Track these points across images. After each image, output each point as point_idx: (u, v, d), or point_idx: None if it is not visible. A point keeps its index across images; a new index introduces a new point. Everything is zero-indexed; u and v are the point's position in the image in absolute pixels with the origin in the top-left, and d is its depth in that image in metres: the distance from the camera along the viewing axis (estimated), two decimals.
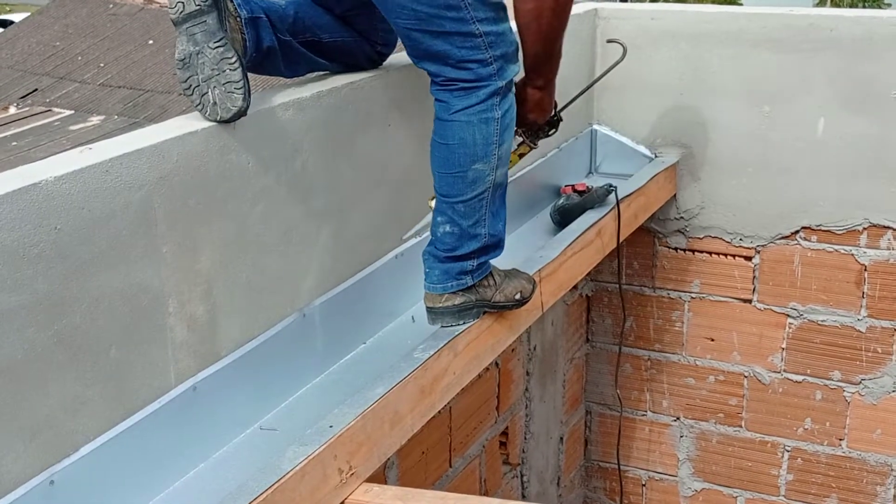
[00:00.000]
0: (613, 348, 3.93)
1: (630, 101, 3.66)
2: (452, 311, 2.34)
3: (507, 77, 2.24)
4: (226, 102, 1.97)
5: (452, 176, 2.23)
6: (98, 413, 1.80)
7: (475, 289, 2.35)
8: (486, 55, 2.17)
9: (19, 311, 1.63)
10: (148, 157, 1.84)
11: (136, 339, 1.86)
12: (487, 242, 2.30)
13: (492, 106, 2.20)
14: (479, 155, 2.21)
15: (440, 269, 2.31)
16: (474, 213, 2.25)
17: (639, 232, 3.60)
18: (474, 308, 2.37)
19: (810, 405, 3.69)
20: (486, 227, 2.28)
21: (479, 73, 2.18)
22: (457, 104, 2.19)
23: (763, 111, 3.46)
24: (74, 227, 1.71)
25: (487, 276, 2.36)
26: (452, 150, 2.21)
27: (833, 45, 3.34)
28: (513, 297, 2.42)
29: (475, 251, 2.29)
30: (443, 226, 2.27)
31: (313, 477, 1.87)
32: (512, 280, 2.44)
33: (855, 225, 3.46)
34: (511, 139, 2.30)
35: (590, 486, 4.18)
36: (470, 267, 2.31)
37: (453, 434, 2.99)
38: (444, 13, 2.12)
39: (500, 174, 2.28)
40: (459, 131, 2.20)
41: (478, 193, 2.23)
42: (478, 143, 2.20)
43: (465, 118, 2.19)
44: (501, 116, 2.23)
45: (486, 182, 2.23)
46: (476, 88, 2.18)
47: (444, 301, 2.34)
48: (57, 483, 1.71)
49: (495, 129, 2.22)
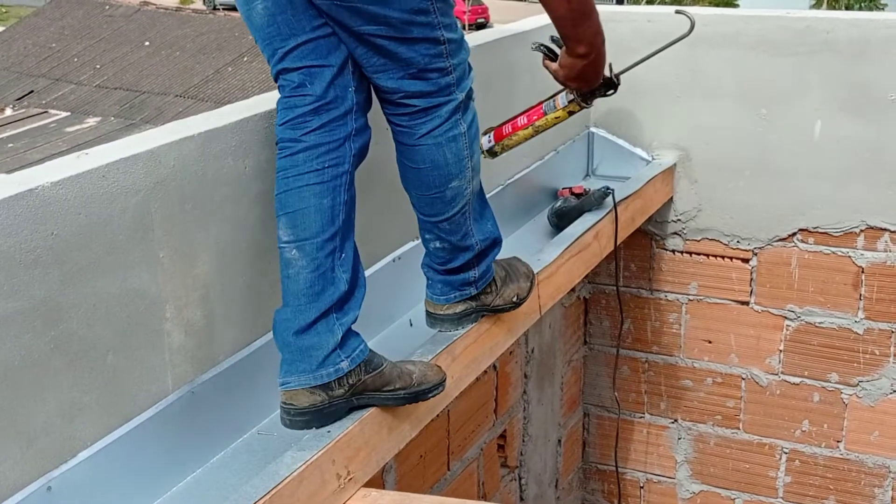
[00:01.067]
0: (611, 350, 3.93)
1: (627, 104, 3.66)
2: (453, 319, 2.33)
3: (465, 88, 2.12)
4: None
5: (430, 197, 2.15)
6: (95, 419, 1.79)
7: (477, 298, 2.33)
8: (446, 63, 2.05)
9: (16, 316, 1.62)
10: (144, 162, 1.84)
11: (133, 345, 1.85)
12: (481, 248, 2.26)
13: (456, 122, 2.09)
14: (454, 173, 2.12)
15: (441, 280, 2.28)
16: (460, 228, 2.19)
17: (636, 234, 3.60)
18: (474, 314, 2.36)
19: (808, 407, 3.70)
20: (475, 235, 2.22)
21: (439, 83, 2.05)
22: (420, 129, 2.07)
23: (760, 114, 3.46)
24: (71, 233, 1.70)
25: (490, 283, 2.34)
26: (425, 174, 2.12)
27: (829, 47, 3.34)
28: (510, 300, 2.41)
29: (471, 260, 2.24)
30: (432, 242, 2.22)
31: (311, 482, 1.86)
32: (510, 283, 2.42)
33: (852, 227, 3.46)
34: (479, 146, 2.21)
35: (588, 488, 4.18)
36: (472, 277, 2.28)
37: (451, 437, 2.98)
38: (415, 18, 1.98)
39: (476, 183, 2.21)
40: (429, 155, 2.09)
41: (459, 209, 2.17)
42: (450, 162, 2.11)
43: (431, 141, 2.08)
44: (467, 129, 2.12)
45: (464, 196, 2.16)
46: (436, 107, 2.06)
47: (446, 310, 2.31)
48: (55, 489, 1.71)
49: (464, 143, 2.12)
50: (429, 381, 2.11)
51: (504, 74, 3.06)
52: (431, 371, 2.15)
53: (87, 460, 1.77)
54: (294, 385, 1.95)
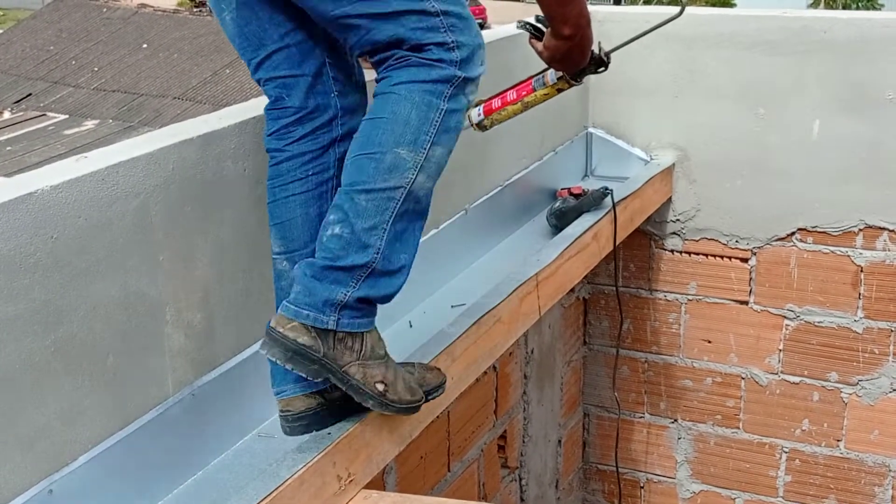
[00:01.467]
0: (611, 351, 3.93)
1: (625, 104, 3.66)
2: (286, 345, 1.81)
3: (471, 71, 1.86)
4: None
5: (367, 157, 1.82)
6: (96, 422, 1.80)
7: (330, 338, 1.82)
8: (447, 38, 1.82)
9: (16, 320, 1.63)
10: (144, 164, 1.84)
11: (134, 348, 1.86)
12: (377, 265, 1.81)
13: (440, 92, 1.83)
14: (408, 138, 1.81)
15: (305, 283, 1.82)
16: (374, 214, 1.80)
17: (635, 234, 3.60)
18: (316, 364, 1.82)
19: (808, 406, 3.70)
20: (383, 240, 1.81)
21: (441, 56, 1.82)
22: (401, 76, 1.82)
23: (758, 113, 3.47)
24: (71, 236, 1.71)
25: (357, 334, 1.84)
26: (378, 126, 1.82)
27: (827, 46, 3.34)
28: (372, 385, 1.87)
29: (358, 268, 1.80)
30: (332, 226, 1.81)
31: (312, 484, 1.86)
32: (388, 367, 1.90)
33: (851, 226, 3.46)
34: (448, 153, 1.90)
35: (588, 488, 4.18)
36: (340, 297, 1.80)
37: (451, 438, 2.98)
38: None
39: (422, 183, 1.84)
40: (394, 104, 1.81)
41: (389, 187, 1.80)
42: (411, 122, 1.81)
43: (405, 91, 1.81)
44: (447, 112, 1.84)
45: (403, 177, 1.81)
46: (429, 65, 1.81)
47: (287, 327, 1.81)
48: (56, 492, 1.71)
49: (435, 118, 1.83)
50: (428, 384, 2.07)
51: (501, 75, 3.05)
52: (431, 373, 2.10)
53: (88, 463, 1.77)
54: (289, 393, 1.95)
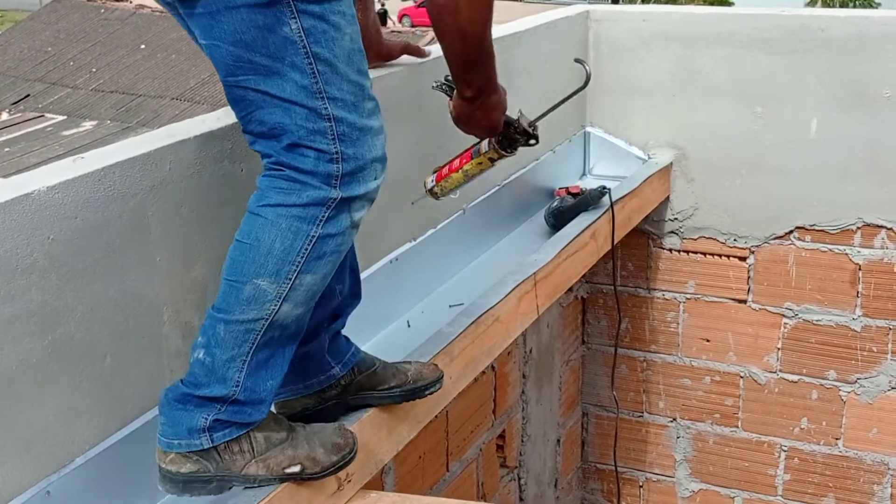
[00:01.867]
0: (609, 350, 3.93)
1: (623, 103, 3.66)
2: (173, 479, 1.74)
3: (356, 188, 1.72)
4: None
5: (229, 284, 1.72)
6: (94, 423, 1.79)
7: (216, 455, 1.75)
8: (331, 147, 1.68)
9: (13, 321, 1.62)
10: (141, 165, 1.84)
11: (131, 348, 1.85)
12: (237, 396, 1.73)
13: (312, 217, 1.70)
14: (269, 270, 1.69)
15: (167, 413, 1.75)
16: (233, 346, 1.71)
17: (633, 234, 3.60)
18: (213, 482, 1.75)
19: (806, 405, 3.70)
20: (242, 373, 1.72)
21: (318, 168, 1.68)
22: (271, 197, 1.71)
23: (756, 112, 3.47)
24: (68, 237, 1.71)
25: (237, 439, 1.76)
26: (242, 251, 1.72)
27: (825, 45, 3.34)
28: (281, 472, 1.78)
29: (217, 399, 1.72)
30: (199, 350, 1.73)
31: (311, 484, 1.86)
32: (297, 444, 1.81)
33: (849, 224, 3.46)
34: (324, 278, 1.77)
35: (587, 487, 4.18)
36: (202, 423, 1.73)
37: (450, 438, 2.98)
38: (289, 72, 1.65)
39: (286, 313, 1.72)
40: (259, 229, 1.70)
41: (248, 319, 1.70)
42: (274, 251, 1.69)
43: (271, 216, 1.70)
44: (320, 238, 1.71)
45: (264, 309, 1.70)
46: (301, 185, 1.69)
47: (167, 461, 1.74)
48: (53, 494, 1.71)
49: (304, 247, 1.70)
50: (425, 379, 2.06)
51: (501, 74, 3.05)
52: (427, 369, 2.10)
53: (86, 464, 1.77)
54: (285, 396, 1.95)
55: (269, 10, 1.63)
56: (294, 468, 1.80)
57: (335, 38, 1.67)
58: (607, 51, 3.64)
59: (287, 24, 1.64)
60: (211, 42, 1.67)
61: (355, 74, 1.71)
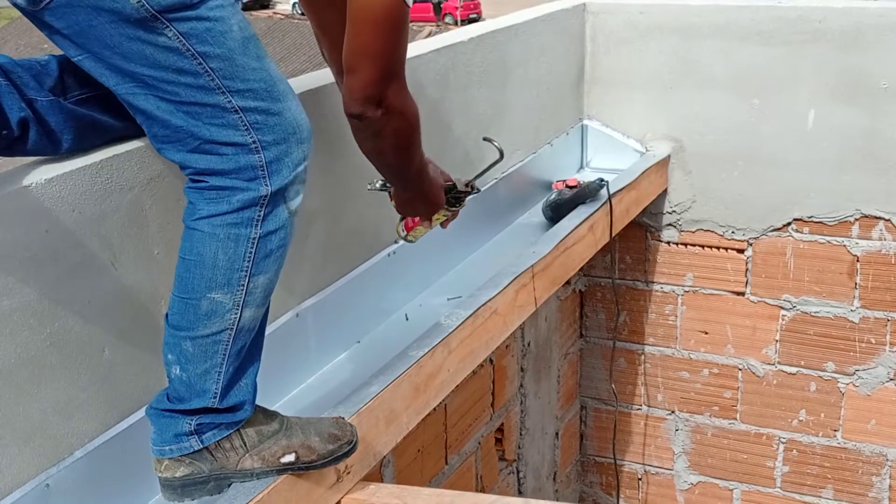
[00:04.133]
0: (607, 343, 3.94)
1: (620, 96, 3.66)
2: (171, 485, 1.74)
3: (281, 178, 1.67)
4: None
5: (183, 301, 1.69)
6: (92, 415, 1.79)
7: (208, 454, 1.75)
8: (247, 138, 1.64)
9: (11, 314, 1.62)
10: (138, 158, 1.83)
11: (130, 341, 1.85)
12: (217, 405, 1.73)
13: (248, 220, 1.66)
14: (220, 281, 1.66)
15: (155, 423, 1.75)
16: (205, 359, 1.69)
17: (631, 226, 3.60)
18: (211, 482, 1.76)
19: (805, 397, 3.70)
20: (220, 384, 1.71)
21: (238, 162, 1.64)
22: (203, 209, 1.66)
23: (753, 104, 3.47)
24: (65, 230, 1.70)
25: (227, 437, 1.76)
26: (188, 268, 1.68)
27: (822, 36, 3.34)
28: (277, 462, 1.78)
29: (199, 410, 1.72)
30: (174, 366, 1.71)
31: (310, 476, 1.87)
32: (291, 434, 1.81)
33: (847, 216, 3.46)
34: (277, 272, 1.74)
35: (586, 480, 4.18)
36: (187, 428, 1.73)
37: (449, 431, 2.99)
38: (177, 78, 1.59)
39: (250, 317, 1.71)
40: (199, 244, 1.66)
41: (213, 332, 1.68)
42: (219, 264, 1.66)
43: (207, 228, 1.65)
44: (261, 237, 1.68)
45: (225, 320, 1.68)
46: (228, 190, 1.65)
47: (162, 469, 1.75)
48: (53, 486, 1.71)
49: (248, 251, 1.67)
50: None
51: (497, 67, 3.06)
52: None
53: (85, 457, 1.77)
54: None
55: (140, 23, 1.56)
56: (289, 457, 1.79)
57: (222, 32, 1.61)
58: (604, 43, 3.63)
59: (162, 34, 1.58)
60: (85, 56, 1.61)
61: (256, 61, 1.65)
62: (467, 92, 2.90)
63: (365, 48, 1.77)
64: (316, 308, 2.36)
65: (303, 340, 2.32)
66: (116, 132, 1.82)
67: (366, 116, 1.81)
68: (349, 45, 1.78)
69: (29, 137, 1.69)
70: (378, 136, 1.87)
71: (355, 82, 1.79)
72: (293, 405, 2.25)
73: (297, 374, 2.33)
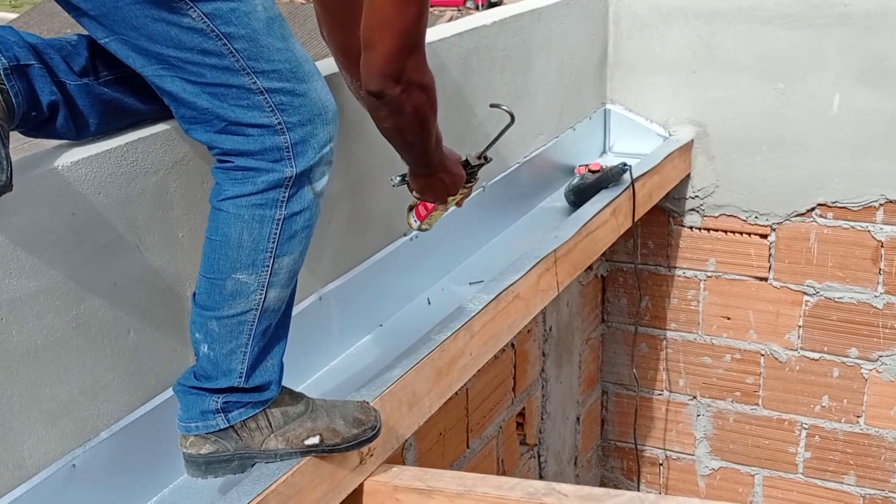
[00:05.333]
0: (629, 328, 3.93)
1: (643, 80, 3.65)
2: (195, 462, 1.76)
3: (306, 159, 1.67)
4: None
5: (209, 281, 1.70)
6: (118, 397, 1.81)
7: (234, 433, 1.76)
8: (272, 119, 1.64)
9: (38, 296, 1.64)
10: (163, 141, 1.84)
11: (155, 323, 1.86)
12: (241, 384, 1.74)
13: (272, 201, 1.66)
14: (244, 262, 1.67)
15: (181, 399, 1.77)
16: (230, 339, 1.71)
17: (653, 211, 3.59)
18: (235, 460, 1.77)
19: (828, 382, 3.69)
20: (245, 364, 1.72)
21: (264, 143, 1.64)
22: (229, 189, 1.67)
23: (777, 88, 3.44)
24: (91, 213, 1.71)
25: (253, 416, 1.77)
26: (214, 248, 1.69)
27: (847, 19, 3.31)
28: (301, 444, 1.80)
29: (225, 389, 1.74)
30: (202, 345, 1.73)
31: (333, 459, 1.88)
32: (316, 417, 1.82)
33: (871, 201, 3.44)
34: (302, 253, 1.75)
35: (607, 465, 4.18)
36: (213, 406, 1.74)
37: (470, 415, 2.99)
38: (203, 59, 1.60)
39: (275, 298, 1.72)
40: (224, 225, 1.67)
41: (238, 313, 1.69)
42: (244, 245, 1.67)
43: (232, 209, 1.66)
44: (286, 219, 1.68)
45: (250, 301, 1.69)
46: (253, 171, 1.65)
47: (187, 445, 1.76)
48: (79, 467, 1.72)
49: (272, 232, 1.67)
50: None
51: (520, 51, 3.05)
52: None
53: (110, 438, 1.78)
54: None
55: (164, 4, 1.56)
56: (313, 439, 1.80)
57: (246, 13, 1.60)
58: (627, 27, 3.62)
59: (186, 15, 1.57)
60: (112, 38, 1.62)
61: (281, 42, 1.64)
62: (490, 76, 2.90)
63: (384, 21, 1.74)
64: (339, 291, 2.36)
65: (326, 323, 2.33)
66: (142, 116, 1.82)
67: (385, 93, 1.78)
68: (368, 19, 1.76)
69: (57, 120, 1.69)
70: (397, 114, 1.84)
71: (375, 57, 1.76)
72: (316, 388, 2.25)
73: (320, 357, 2.33)
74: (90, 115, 1.73)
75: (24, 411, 1.63)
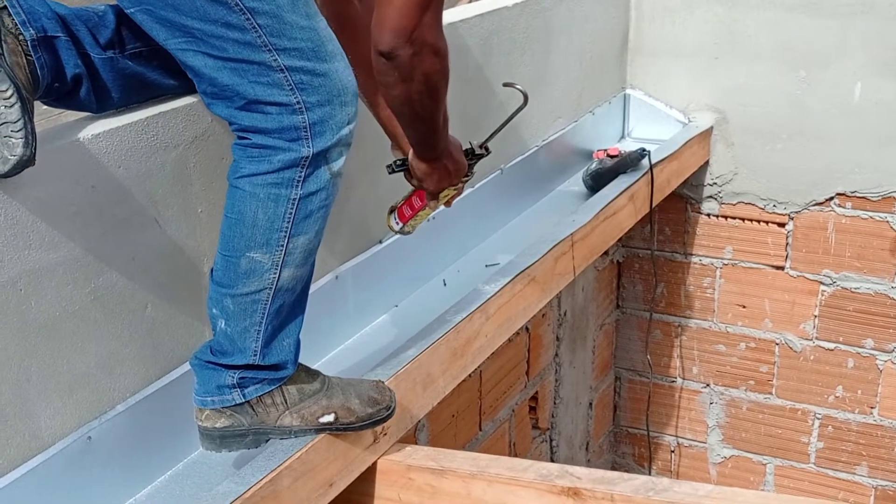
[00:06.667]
0: (644, 314, 3.92)
1: (664, 66, 3.63)
2: (210, 435, 1.77)
3: (324, 140, 1.66)
4: (1, 150, 1.48)
5: (225, 258, 1.70)
6: (134, 370, 1.82)
7: (249, 409, 1.76)
8: (291, 98, 1.63)
9: (56, 268, 1.64)
10: (184, 116, 1.84)
11: (172, 298, 1.87)
12: (256, 362, 1.74)
13: (288, 181, 1.65)
14: (259, 241, 1.67)
15: (198, 373, 1.77)
16: (244, 317, 1.71)
17: (671, 198, 3.58)
18: (249, 435, 1.77)
19: (842, 373, 3.68)
20: (259, 342, 1.73)
21: (282, 122, 1.64)
22: (245, 167, 1.67)
23: (799, 76, 3.42)
24: (111, 186, 1.72)
25: (269, 392, 1.77)
26: (230, 226, 1.69)
27: (871, 9, 3.28)
28: (316, 422, 1.80)
29: (240, 366, 1.74)
30: (219, 320, 1.73)
31: (347, 437, 1.88)
32: (331, 395, 1.83)
33: (890, 192, 3.42)
34: (318, 233, 1.74)
35: (618, 451, 4.19)
36: (229, 381, 1.74)
37: (483, 398, 3.00)
38: (226, 33, 1.59)
39: (289, 277, 1.71)
40: (240, 203, 1.67)
41: (252, 291, 1.69)
42: (259, 224, 1.66)
43: (248, 187, 1.66)
44: (302, 198, 1.67)
45: (264, 280, 1.69)
46: (270, 149, 1.65)
47: (203, 418, 1.77)
48: (95, 439, 1.73)
49: (287, 212, 1.67)
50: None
51: (541, 34, 3.04)
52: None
53: (126, 411, 1.79)
54: None
55: None
56: (328, 417, 1.80)
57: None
58: (649, 12, 3.60)
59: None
60: (138, 8, 1.62)
61: (304, 20, 1.63)
62: (510, 57, 2.89)
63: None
64: (355, 271, 2.36)
65: (342, 303, 2.33)
66: (164, 91, 1.83)
67: (395, 54, 1.72)
68: None
69: (80, 92, 1.69)
70: (408, 80, 1.77)
71: (389, 9, 1.70)
72: (331, 367, 2.26)
73: (336, 335, 2.34)
74: (113, 89, 1.73)
75: (41, 382, 1.64)
